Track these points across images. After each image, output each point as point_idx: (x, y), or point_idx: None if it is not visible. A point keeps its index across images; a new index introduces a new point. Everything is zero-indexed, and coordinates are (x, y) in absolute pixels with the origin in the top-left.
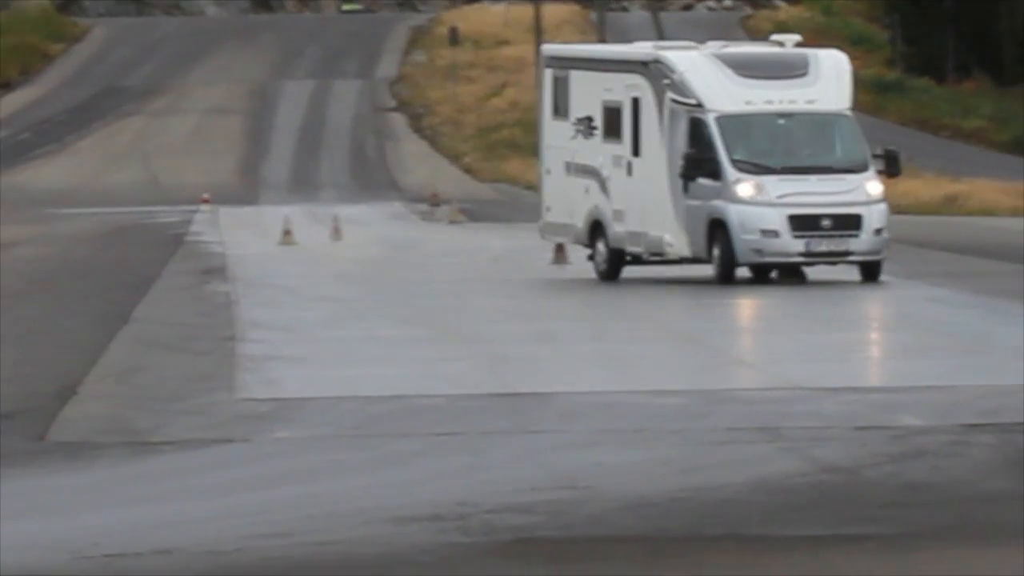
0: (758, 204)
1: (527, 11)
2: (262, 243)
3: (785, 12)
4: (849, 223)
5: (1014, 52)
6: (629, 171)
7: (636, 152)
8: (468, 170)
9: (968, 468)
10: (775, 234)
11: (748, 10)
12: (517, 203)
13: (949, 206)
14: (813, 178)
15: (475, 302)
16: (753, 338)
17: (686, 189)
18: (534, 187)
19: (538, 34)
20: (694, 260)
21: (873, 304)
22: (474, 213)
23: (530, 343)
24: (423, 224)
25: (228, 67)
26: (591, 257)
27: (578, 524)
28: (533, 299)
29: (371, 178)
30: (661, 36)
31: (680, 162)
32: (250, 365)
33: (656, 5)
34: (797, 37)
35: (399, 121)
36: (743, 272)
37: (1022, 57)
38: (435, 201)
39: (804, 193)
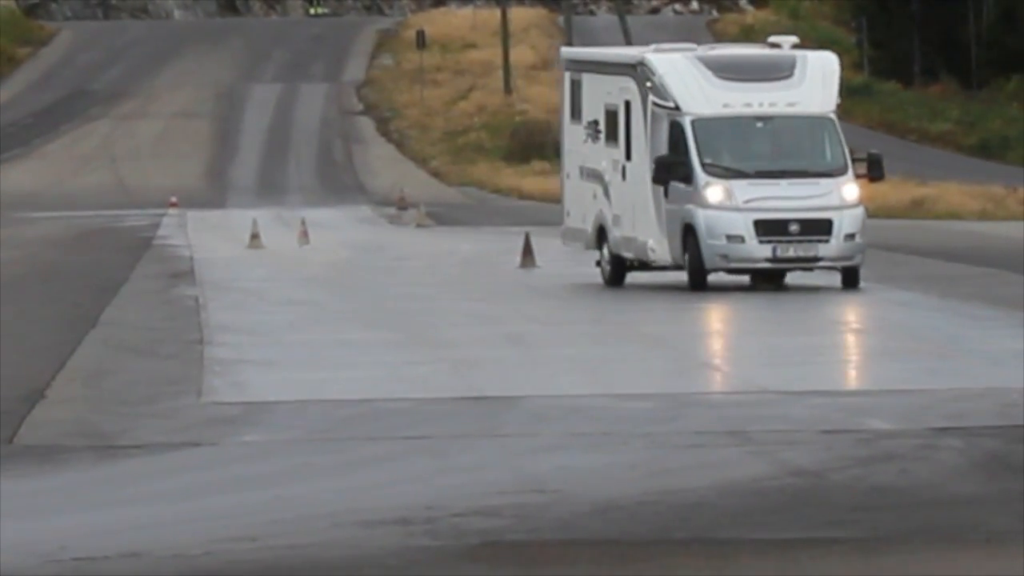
0: (725, 209)
1: (494, 14)
2: (230, 247)
3: (752, 16)
4: (818, 228)
5: (981, 56)
6: (624, 175)
7: (628, 156)
8: (435, 174)
9: (935, 472)
10: (740, 239)
11: (715, 14)
12: (484, 207)
13: (916, 210)
14: (784, 182)
15: (443, 305)
16: (721, 342)
17: (666, 194)
18: (501, 191)
19: (505, 38)
20: (676, 267)
21: (841, 308)
22: (441, 217)
23: (498, 346)
24: (391, 228)
25: (195, 71)
26: (598, 263)
27: (546, 528)
28: (501, 302)
29: (338, 182)
30: (628, 40)
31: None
32: (218, 369)
33: (623, 8)
34: (794, 39)
35: (366, 125)
36: (727, 279)
37: (989, 61)
38: (402, 205)
39: (772, 198)
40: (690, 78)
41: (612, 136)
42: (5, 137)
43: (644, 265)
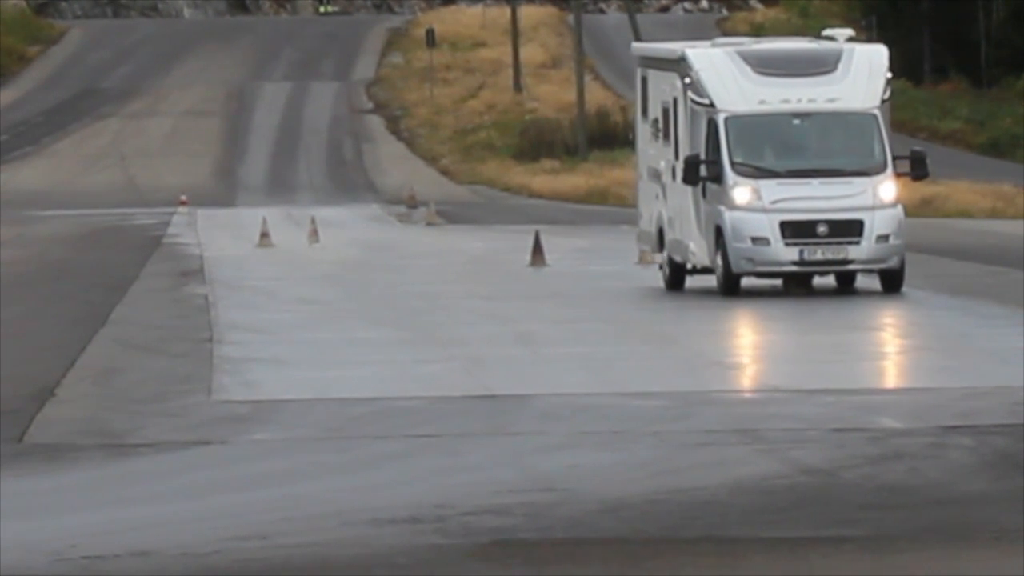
0: (751, 210)
1: (503, 13)
2: (239, 245)
3: (762, 14)
4: (848, 229)
5: (991, 54)
6: (674, 175)
7: (677, 155)
8: (445, 172)
9: (945, 470)
10: (766, 242)
11: (724, 12)
12: (494, 205)
13: (926, 208)
14: (816, 182)
15: (452, 304)
16: (732, 340)
17: (705, 195)
18: (510, 189)
19: (514, 36)
20: (712, 270)
21: (850, 307)
22: (451, 215)
23: (508, 345)
24: (400, 226)
25: (205, 69)
26: (660, 266)
27: (556, 526)
28: (510, 301)
29: (348, 180)
30: (638, 38)
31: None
32: (227, 367)
33: (633, 7)
34: (849, 32)
35: (376, 123)
36: (760, 283)
37: (999, 59)
38: (412, 203)
39: (801, 198)
40: (727, 74)
41: (667, 135)
42: (15, 135)
43: (706, 269)
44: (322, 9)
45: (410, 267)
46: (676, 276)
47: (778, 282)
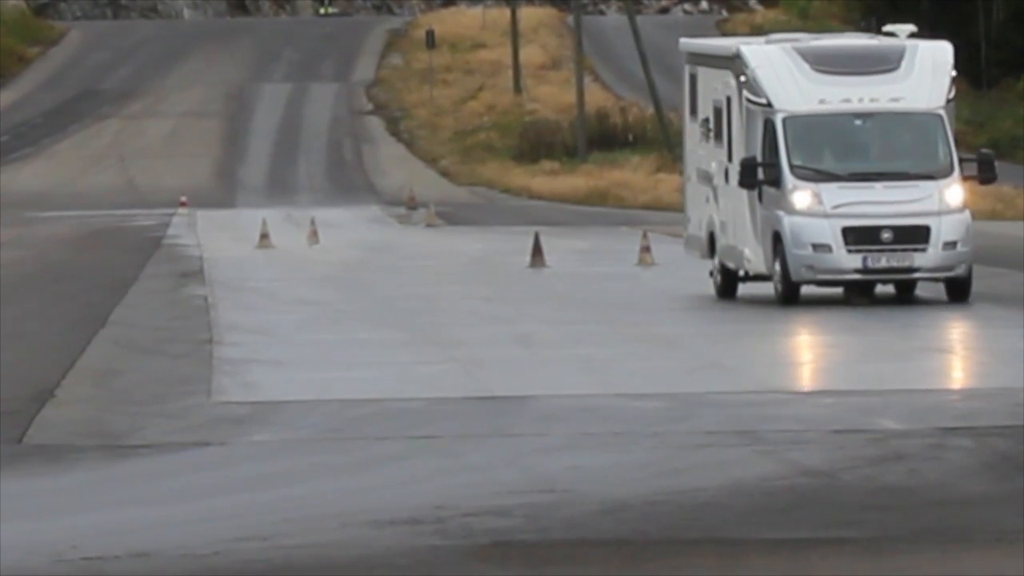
0: (812, 215)
1: (503, 14)
2: (239, 246)
3: (762, 15)
4: (914, 235)
5: (991, 55)
6: (727, 178)
7: (730, 157)
8: (445, 173)
9: (945, 471)
10: (827, 248)
11: (724, 13)
12: (494, 206)
13: None
14: (879, 185)
15: (452, 305)
16: (731, 342)
17: (761, 198)
18: (510, 190)
19: (514, 37)
20: (769, 277)
21: (849, 309)
22: (451, 216)
23: (507, 346)
24: (400, 227)
25: (205, 70)
26: (711, 272)
27: (556, 527)
28: (510, 302)
29: (348, 181)
30: (637, 40)
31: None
32: (227, 368)
33: (632, 9)
34: (911, 28)
35: (376, 124)
36: (820, 292)
37: (999, 60)
38: (412, 204)
39: (864, 203)
40: (784, 72)
41: (719, 135)
42: (15, 137)
43: (761, 276)
44: (322, 11)
45: (410, 268)
46: (728, 283)
47: (839, 291)
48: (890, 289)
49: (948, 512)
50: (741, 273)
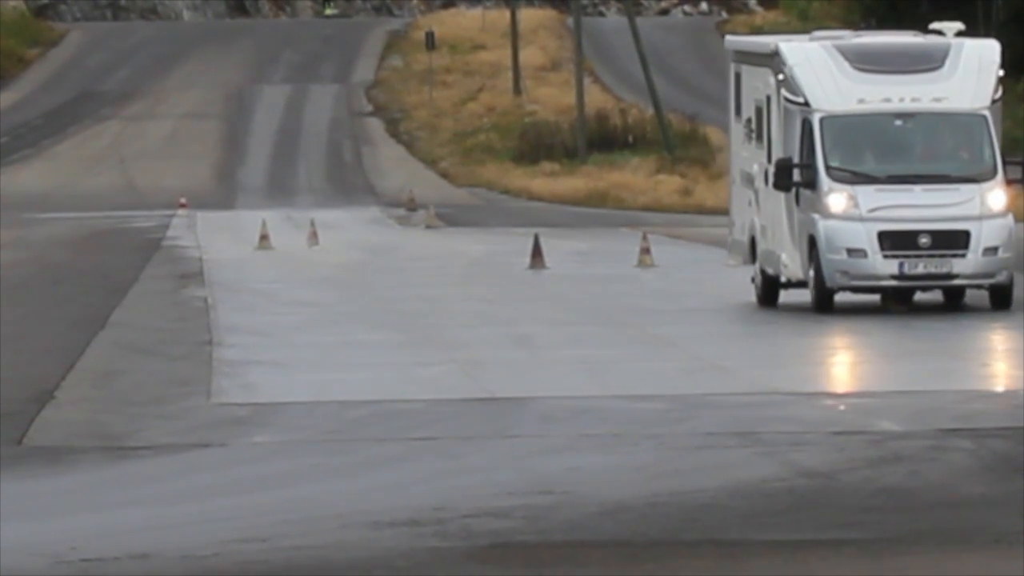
0: (847, 219)
1: (503, 16)
2: (239, 248)
3: (761, 17)
4: (953, 241)
5: None
6: (767, 180)
7: (770, 158)
8: (444, 174)
9: (945, 473)
10: (862, 254)
11: (724, 15)
12: (493, 208)
13: None
14: (918, 188)
15: (452, 307)
16: (730, 343)
17: (798, 201)
18: (510, 192)
19: (514, 39)
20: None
21: (850, 312)
22: (451, 218)
23: (507, 347)
24: (400, 229)
25: (205, 72)
26: (753, 279)
27: (555, 529)
28: (510, 303)
29: (348, 183)
30: (637, 42)
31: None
32: (227, 370)
33: (632, 10)
34: (959, 26)
35: (376, 126)
36: (856, 299)
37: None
38: (412, 206)
39: (901, 206)
40: (823, 70)
41: (760, 136)
42: (15, 138)
43: (801, 283)
44: (327, 11)
45: (409, 270)
46: (769, 290)
47: (876, 298)
48: (934, 297)
49: (948, 513)
50: (783, 279)
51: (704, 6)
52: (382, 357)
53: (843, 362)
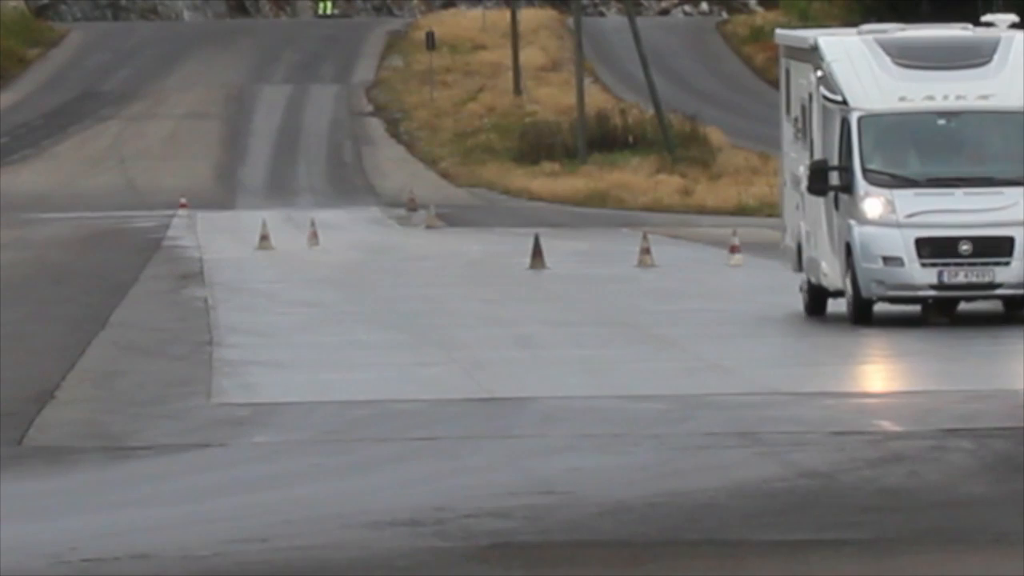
0: (884, 225)
1: (503, 16)
2: (239, 248)
3: (762, 17)
4: (995, 248)
5: None
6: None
7: (811, 159)
8: (445, 175)
9: (945, 473)
10: (899, 262)
11: (724, 15)
12: (494, 208)
13: None
14: (960, 192)
15: (452, 307)
16: (731, 343)
17: (837, 206)
18: (510, 192)
19: (514, 39)
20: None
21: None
22: (451, 218)
23: (508, 348)
24: (400, 229)
25: (205, 72)
26: (801, 287)
27: (556, 529)
28: (510, 303)
29: (348, 183)
30: (637, 43)
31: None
32: (227, 370)
33: (632, 10)
34: (1012, 18)
35: (376, 126)
36: (896, 310)
37: None
38: (412, 206)
39: (941, 211)
40: (863, 66)
41: (804, 136)
42: (15, 138)
43: (841, 292)
44: (321, 10)
45: (410, 270)
46: (816, 300)
47: (917, 309)
48: (993, 307)
49: (948, 514)
50: (832, 288)
51: (704, 6)
52: (382, 357)
53: (843, 362)
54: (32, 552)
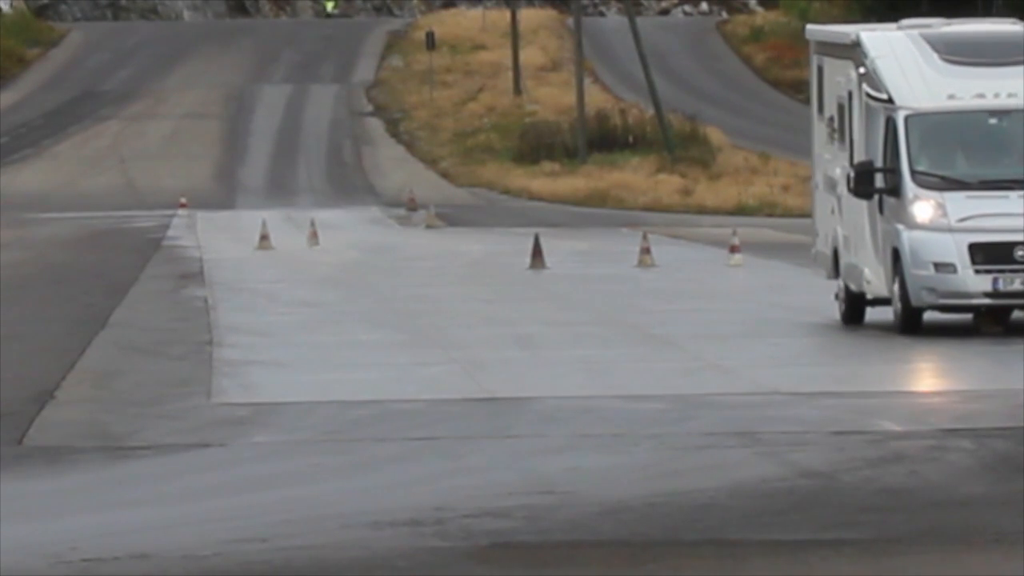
0: (935, 229)
1: (503, 16)
2: (239, 248)
3: (762, 17)
4: None
5: None
6: (848, 186)
7: (852, 161)
8: (445, 175)
9: (945, 473)
10: (951, 268)
11: (724, 15)
12: (494, 208)
13: None
14: (1015, 195)
15: (452, 307)
16: (730, 343)
17: (882, 210)
18: (510, 192)
19: (514, 39)
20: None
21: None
22: (451, 218)
23: (507, 348)
24: (400, 229)
25: (205, 72)
26: (837, 295)
27: (556, 529)
28: (510, 304)
29: (348, 183)
30: (637, 43)
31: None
32: (227, 369)
33: (632, 10)
34: None
35: (376, 126)
36: (947, 319)
37: None
38: (412, 206)
39: (995, 215)
40: (909, 62)
41: (842, 136)
42: (15, 138)
43: (886, 300)
44: (330, 8)
45: (410, 270)
46: (853, 308)
47: (969, 317)
48: None
49: (948, 513)
50: (869, 296)
51: (704, 6)
52: (382, 357)
53: (842, 361)
54: (32, 552)
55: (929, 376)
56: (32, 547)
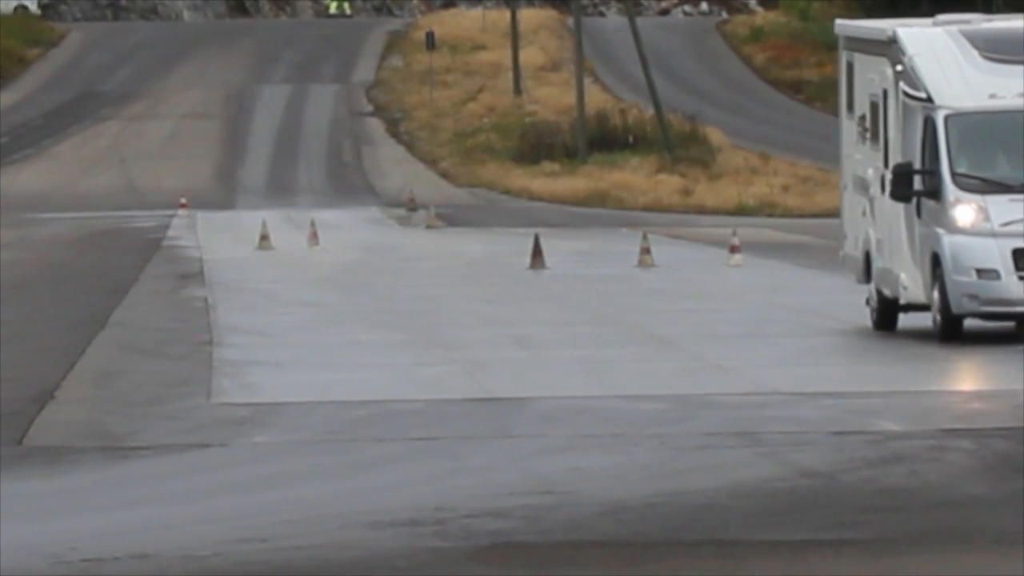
0: (977, 234)
1: (503, 16)
2: (239, 248)
3: (762, 17)
4: None
5: None
6: (883, 187)
7: (887, 162)
8: (445, 175)
9: (945, 473)
10: (994, 275)
11: (724, 15)
12: (494, 208)
13: None
14: None
15: (452, 307)
16: (731, 343)
17: (919, 213)
18: (510, 192)
19: (514, 39)
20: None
21: (851, 311)
22: (451, 218)
23: (507, 348)
24: (400, 229)
25: (205, 72)
26: (868, 300)
27: (555, 529)
28: (510, 304)
29: (348, 183)
30: (637, 43)
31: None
32: (227, 370)
33: (632, 10)
34: None
35: (376, 126)
36: (989, 326)
37: None
38: (412, 206)
39: None
40: (948, 60)
41: (875, 136)
42: (15, 138)
43: (923, 306)
44: (336, 7)
45: (410, 270)
46: (886, 314)
47: (1011, 325)
48: None
49: (948, 514)
50: (902, 302)
51: (704, 6)
52: (382, 357)
53: (843, 361)
54: (32, 552)
55: (929, 376)
56: (32, 547)
